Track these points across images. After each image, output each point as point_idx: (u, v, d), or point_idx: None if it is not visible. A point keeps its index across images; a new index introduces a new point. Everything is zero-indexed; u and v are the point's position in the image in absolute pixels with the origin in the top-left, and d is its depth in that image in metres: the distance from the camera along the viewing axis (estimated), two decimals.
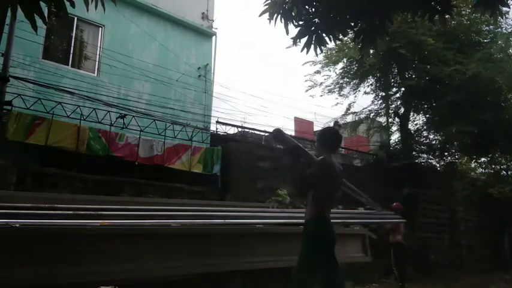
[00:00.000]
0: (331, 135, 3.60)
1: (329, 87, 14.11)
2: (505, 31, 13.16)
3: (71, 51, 9.73)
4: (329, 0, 4.09)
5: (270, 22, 4.08)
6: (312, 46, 4.16)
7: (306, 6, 4.09)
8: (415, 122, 14.93)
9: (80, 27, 9.93)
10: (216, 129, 11.35)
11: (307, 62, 14.01)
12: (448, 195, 13.45)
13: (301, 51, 4.22)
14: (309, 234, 3.33)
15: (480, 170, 16.16)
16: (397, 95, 14.32)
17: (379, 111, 14.53)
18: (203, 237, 4.12)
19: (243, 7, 57.24)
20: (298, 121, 17.86)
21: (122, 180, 8.47)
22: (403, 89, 13.83)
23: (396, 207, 8.22)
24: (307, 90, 14.42)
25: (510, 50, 13.15)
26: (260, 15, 4.13)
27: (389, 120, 14.67)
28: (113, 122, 8.89)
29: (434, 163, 14.58)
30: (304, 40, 4.15)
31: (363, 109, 14.55)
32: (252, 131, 12.63)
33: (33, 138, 7.86)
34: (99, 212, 3.82)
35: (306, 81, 14.34)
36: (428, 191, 12.41)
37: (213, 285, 4.03)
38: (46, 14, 2.87)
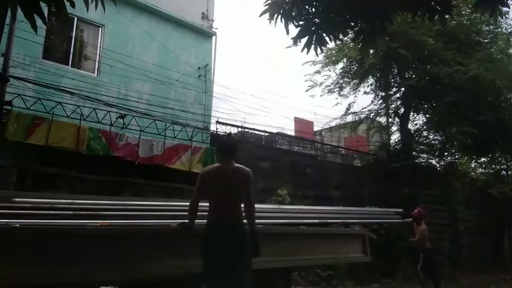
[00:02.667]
0: (221, 145, 4.01)
1: (329, 87, 14.15)
2: (505, 31, 13.18)
3: (71, 51, 9.72)
4: (329, 0, 4.09)
5: (270, 22, 4.07)
6: (312, 46, 4.15)
7: (306, 6, 4.08)
8: (415, 122, 14.97)
9: (80, 27, 9.93)
10: (216, 129, 11.36)
11: (307, 62, 14.05)
12: (448, 195, 13.45)
13: (302, 51, 4.22)
14: (203, 239, 3.53)
15: (480, 170, 16.18)
16: (397, 95, 14.35)
17: (379, 111, 14.56)
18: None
19: (243, 7, 57.24)
20: (298, 121, 17.87)
21: (122, 180, 8.48)
22: (403, 89, 13.84)
23: (417, 215, 7.90)
24: (307, 90, 14.46)
25: (510, 51, 13.16)
26: (260, 16, 4.12)
27: (389, 120, 14.70)
28: (113, 122, 8.89)
29: (434, 163, 14.59)
30: (304, 40, 4.15)
31: (363, 109, 14.59)
32: (252, 131, 12.64)
33: (33, 138, 7.85)
34: (99, 212, 3.82)
35: (306, 81, 14.39)
36: (428, 191, 12.42)
37: None
38: (46, 14, 2.86)
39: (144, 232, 3.87)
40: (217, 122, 11.41)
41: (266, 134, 13.36)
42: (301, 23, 4.12)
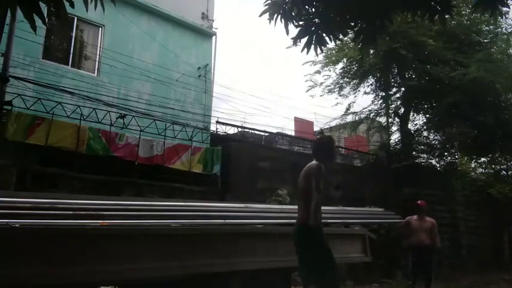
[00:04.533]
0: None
1: (329, 87, 14.11)
2: (505, 31, 13.17)
3: (71, 51, 9.74)
4: (329, 0, 4.09)
5: (270, 22, 4.07)
6: (312, 46, 4.15)
7: (306, 6, 4.08)
8: (415, 122, 14.94)
9: (80, 27, 9.94)
10: (216, 129, 11.37)
11: (307, 62, 14.01)
12: (448, 195, 13.45)
13: (301, 51, 4.22)
14: None
15: (480, 170, 16.17)
16: (397, 95, 14.32)
17: (379, 111, 14.53)
18: (203, 237, 4.12)
19: (243, 7, 57.28)
20: (298, 121, 17.86)
21: (122, 180, 8.48)
22: (403, 89, 13.83)
23: (421, 206, 7.19)
24: (307, 90, 14.41)
25: (510, 51, 13.15)
26: (260, 16, 4.12)
27: (389, 120, 14.67)
28: (113, 122, 8.89)
29: (434, 163, 14.58)
30: (304, 40, 4.15)
31: (363, 109, 14.55)
32: (252, 131, 12.64)
33: (33, 138, 7.86)
34: (99, 212, 3.82)
35: (306, 81, 14.33)
36: (428, 191, 12.41)
37: (213, 285, 4.03)
38: (46, 14, 2.86)
39: (144, 232, 3.87)
40: (217, 122, 11.43)
41: (266, 134, 13.36)
42: (301, 23, 4.11)
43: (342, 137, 17.88)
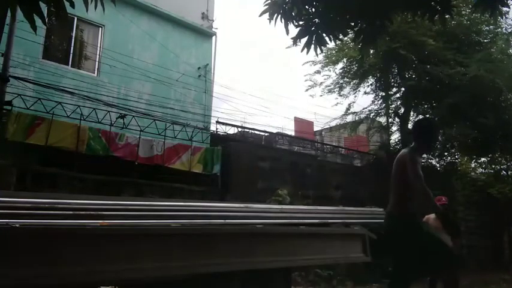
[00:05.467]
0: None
1: (329, 87, 14.12)
2: (505, 31, 13.17)
3: (71, 51, 9.74)
4: (329, 0, 4.09)
5: (270, 22, 4.08)
6: (312, 46, 4.14)
7: (306, 6, 4.08)
8: None
9: (80, 27, 9.94)
10: (216, 129, 11.38)
11: (307, 62, 14.01)
12: (448, 195, 13.42)
13: (301, 51, 4.22)
14: None
15: (480, 170, 16.17)
16: (397, 95, 14.32)
17: (379, 111, 14.53)
18: (203, 237, 4.12)
19: (243, 7, 57.28)
20: (298, 121, 17.87)
21: (122, 180, 8.48)
22: (403, 89, 13.83)
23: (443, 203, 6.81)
24: (307, 90, 14.42)
25: (510, 51, 13.15)
26: (260, 15, 4.12)
27: (389, 120, 14.67)
28: (113, 122, 8.90)
29: (434, 163, 14.58)
30: (304, 40, 4.15)
31: (363, 109, 14.56)
32: (252, 131, 12.64)
33: (33, 138, 7.86)
34: (99, 212, 3.82)
35: (306, 81, 14.35)
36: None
37: (213, 285, 4.03)
38: (46, 14, 2.85)
39: (144, 232, 3.87)
40: (217, 122, 11.44)
41: (266, 134, 13.37)
42: (301, 23, 4.11)
43: (342, 137, 17.89)
